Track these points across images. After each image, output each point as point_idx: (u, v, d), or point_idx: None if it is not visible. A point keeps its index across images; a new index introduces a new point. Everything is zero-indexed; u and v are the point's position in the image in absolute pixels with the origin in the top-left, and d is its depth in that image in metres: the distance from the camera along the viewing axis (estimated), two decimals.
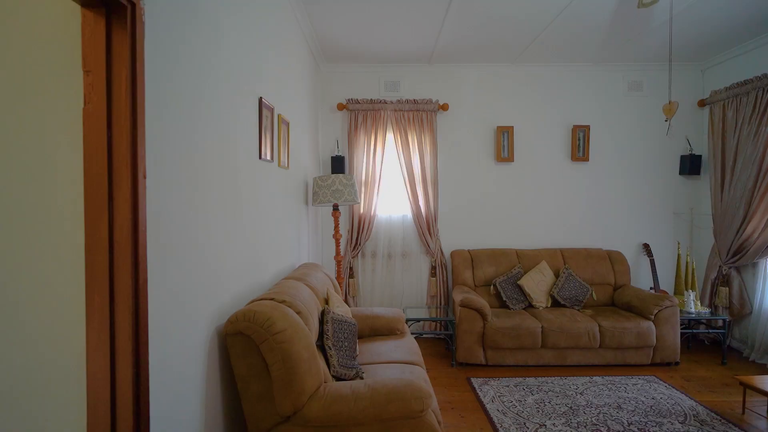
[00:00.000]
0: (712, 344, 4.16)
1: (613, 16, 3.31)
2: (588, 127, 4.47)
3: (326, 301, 2.56)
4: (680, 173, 4.50)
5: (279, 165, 2.71)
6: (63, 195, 1.18)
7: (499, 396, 3.07)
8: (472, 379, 3.37)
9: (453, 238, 4.52)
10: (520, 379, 3.37)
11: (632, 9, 3.15)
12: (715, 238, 4.15)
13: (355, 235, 4.37)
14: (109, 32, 1.14)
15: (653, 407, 2.88)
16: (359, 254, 4.47)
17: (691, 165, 4.40)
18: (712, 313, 3.93)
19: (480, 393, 3.12)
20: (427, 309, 4.30)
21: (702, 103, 4.41)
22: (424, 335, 4.37)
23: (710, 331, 3.83)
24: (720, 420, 2.72)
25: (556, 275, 4.16)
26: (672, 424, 2.66)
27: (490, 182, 4.52)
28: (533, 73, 4.48)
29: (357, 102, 4.33)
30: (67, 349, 1.18)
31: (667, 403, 2.94)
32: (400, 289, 4.53)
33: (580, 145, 4.49)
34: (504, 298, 4.01)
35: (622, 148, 4.51)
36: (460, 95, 4.47)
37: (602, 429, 2.60)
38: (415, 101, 4.33)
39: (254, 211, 2.22)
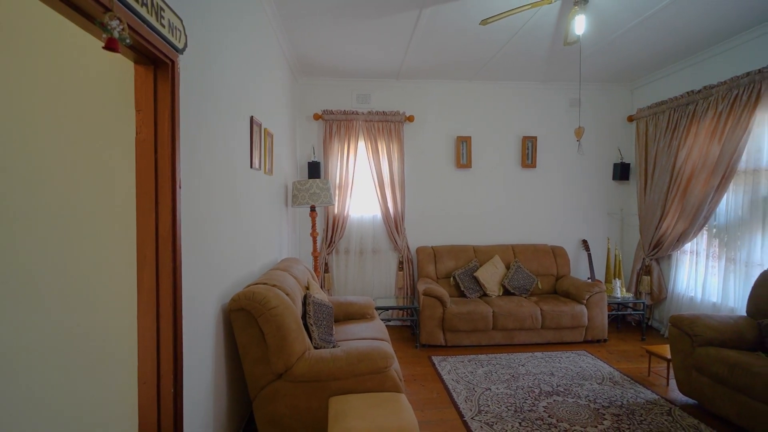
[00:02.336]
0: (637, 325, 4.86)
1: (549, 48, 3.91)
2: (535, 138, 5.10)
3: (307, 288, 3.01)
4: (613, 179, 5.20)
5: (265, 172, 3.13)
6: (120, 200, 1.59)
7: (454, 369, 3.60)
8: (433, 357, 3.89)
9: (418, 236, 5.04)
10: (474, 356, 3.92)
11: (561, 45, 3.76)
12: (640, 234, 4.85)
13: (330, 233, 4.81)
14: (156, 82, 1.57)
15: (579, 373, 3.49)
16: (333, 251, 4.92)
17: (621, 172, 5.11)
18: (635, 298, 4.63)
19: (439, 368, 3.65)
20: (394, 299, 4.80)
21: (630, 119, 5.12)
22: (392, 322, 4.87)
23: (633, 312, 4.52)
24: (630, 381, 3.35)
25: (508, 267, 4.76)
26: (591, 384, 3.27)
27: (451, 186, 5.07)
28: (488, 89, 5.06)
29: (332, 113, 4.78)
30: (122, 313, 1.59)
31: (591, 370, 3.56)
32: (370, 282, 5.01)
33: (528, 153, 5.11)
34: (462, 288, 4.57)
35: (565, 157, 5.16)
36: (424, 108, 5.00)
37: (536, 390, 3.17)
38: (384, 113, 4.82)
39: (247, 213, 2.64)
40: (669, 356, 3.24)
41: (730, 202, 3.87)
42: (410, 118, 4.92)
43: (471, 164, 5.05)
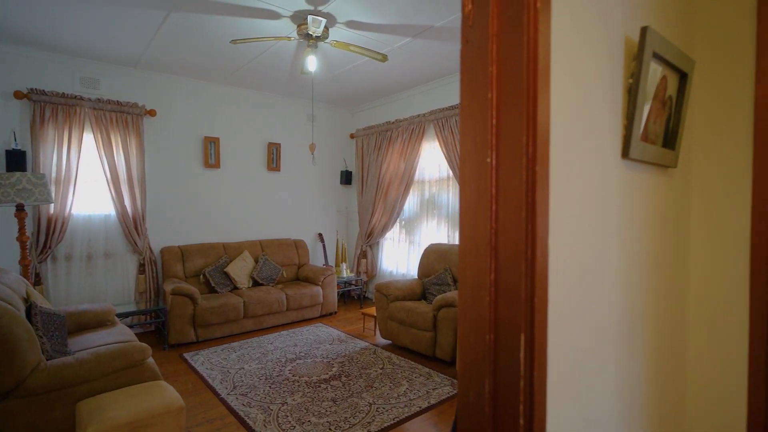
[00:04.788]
0: (357, 297, 6.23)
1: (290, 69, 4.60)
2: (280, 144, 5.75)
3: (26, 299, 2.60)
4: (340, 183, 6.44)
5: None
6: None
7: (208, 360, 3.80)
8: (185, 354, 3.94)
9: (163, 236, 4.84)
10: (227, 345, 4.20)
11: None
12: (359, 227, 6.23)
13: (45, 237, 4.03)
14: None
15: (316, 340, 4.32)
16: (50, 258, 4.14)
17: (346, 177, 6.39)
18: (356, 276, 5.95)
19: (192, 362, 3.75)
20: (135, 304, 4.47)
21: (352, 136, 6.47)
22: (135, 328, 4.52)
23: (355, 288, 5.80)
24: (351, 338, 4.41)
25: (256, 261, 5.22)
26: (325, 346, 4.14)
27: (199, 185, 5.11)
28: (238, 94, 5.36)
29: (43, 93, 4.00)
30: None
31: (325, 335, 4.47)
32: (103, 290, 4.48)
33: (274, 158, 5.71)
34: (213, 284, 4.73)
35: (304, 164, 6.03)
36: (169, 103, 4.83)
37: (282, 360, 3.78)
38: (119, 103, 4.40)
39: None
40: (375, 314, 4.47)
41: (410, 203, 5.57)
42: (152, 112, 4.67)
43: (220, 164, 5.23)
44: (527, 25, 0.64)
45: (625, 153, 0.90)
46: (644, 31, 0.84)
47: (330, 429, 2.61)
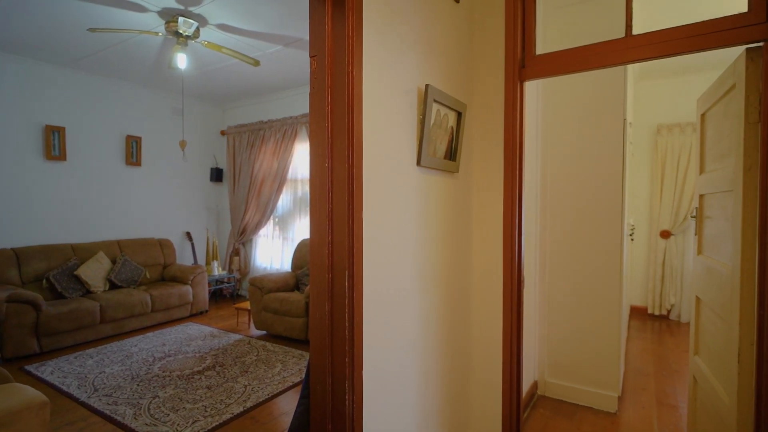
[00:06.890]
0: (230, 295, 6.21)
1: (156, 60, 4.44)
2: (140, 138, 5.40)
3: None
4: (210, 180, 6.31)
5: None
6: None
7: (59, 369, 3.50)
8: (27, 367, 3.55)
9: None
10: (81, 352, 3.89)
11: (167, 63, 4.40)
12: (231, 224, 6.20)
13: None
14: None
15: (187, 338, 4.28)
16: None
17: (216, 175, 6.29)
18: (229, 274, 5.93)
19: (38, 373, 3.42)
20: None
21: (223, 133, 6.39)
22: None
23: (227, 285, 5.79)
24: (225, 332, 4.48)
25: (114, 262, 4.85)
26: (197, 342, 4.15)
27: (39, 179, 4.53)
28: (91, 81, 4.88)
29: None
30: None
31: (196, 333, 4.44)
32: None
33: (133, 152, 5.35)
34: (60, 290, 4.28)
35: (170, 159, 5.76)
36: None
37: (150, 359, 3.69)
38: None
39: None
40: (249, 308, 4.61)
41: (284, 200, 5.80)
42: None
43: (66, 157, 4.71)
44: (347, 83, 1.06)
45: (419, 162, 1.40)
46: (427, 86, 1.35)
47: (207, 410, 2.77)
